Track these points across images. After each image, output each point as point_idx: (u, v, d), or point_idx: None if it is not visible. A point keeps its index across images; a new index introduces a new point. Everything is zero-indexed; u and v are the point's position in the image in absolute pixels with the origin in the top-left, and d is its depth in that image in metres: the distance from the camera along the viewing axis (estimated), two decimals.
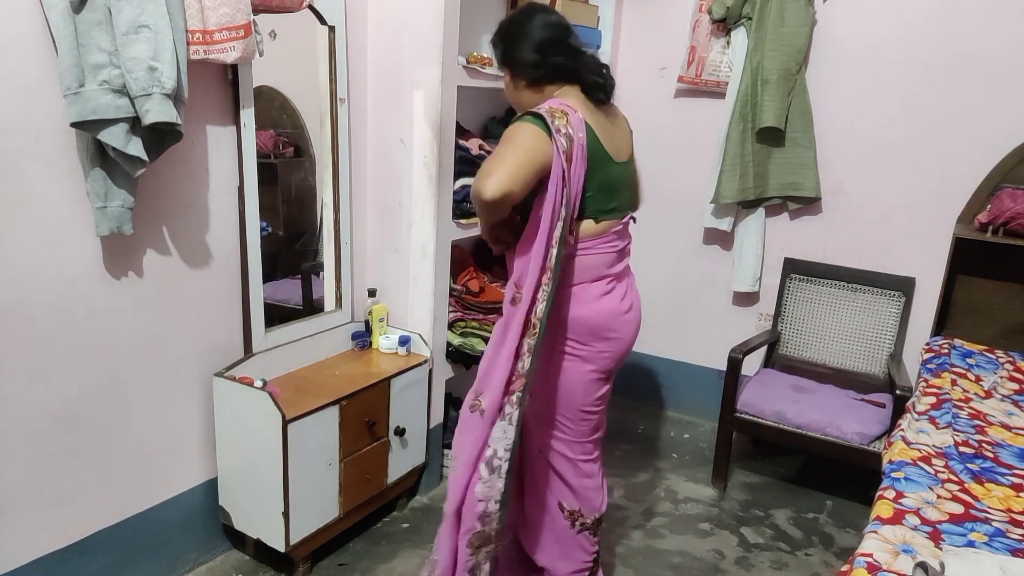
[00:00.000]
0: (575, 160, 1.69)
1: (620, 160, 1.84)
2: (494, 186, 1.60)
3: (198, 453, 2.21)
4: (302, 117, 2.55)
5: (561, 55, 1.79)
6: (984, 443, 1.97)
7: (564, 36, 1.81)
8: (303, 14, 2.14)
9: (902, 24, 2.86)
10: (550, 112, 1.68)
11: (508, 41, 1.83)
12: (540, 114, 1.68)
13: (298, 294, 2.63)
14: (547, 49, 1.78)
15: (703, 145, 3.27)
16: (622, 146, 1.87)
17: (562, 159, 1.66)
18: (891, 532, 1.52)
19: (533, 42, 1.78)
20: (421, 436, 2.62)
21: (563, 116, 1.68)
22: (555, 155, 1.66)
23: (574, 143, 1.68)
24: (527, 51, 1.79)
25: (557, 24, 1.82)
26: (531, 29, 1.79)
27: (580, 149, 1.70)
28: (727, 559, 2.48)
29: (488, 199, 1.61)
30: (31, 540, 1.83)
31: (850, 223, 3.10)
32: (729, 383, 2.84)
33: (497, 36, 1.87)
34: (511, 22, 1.86)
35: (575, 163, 1.69)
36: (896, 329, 3.00)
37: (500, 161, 1.63)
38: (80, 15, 1.60)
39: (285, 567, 2.25)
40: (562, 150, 1.66)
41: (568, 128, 1.67)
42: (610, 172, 1.79)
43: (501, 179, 1.61)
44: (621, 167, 1.84)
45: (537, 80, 1.82)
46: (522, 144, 1.65)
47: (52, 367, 1.79)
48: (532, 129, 1.66)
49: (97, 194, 1.73)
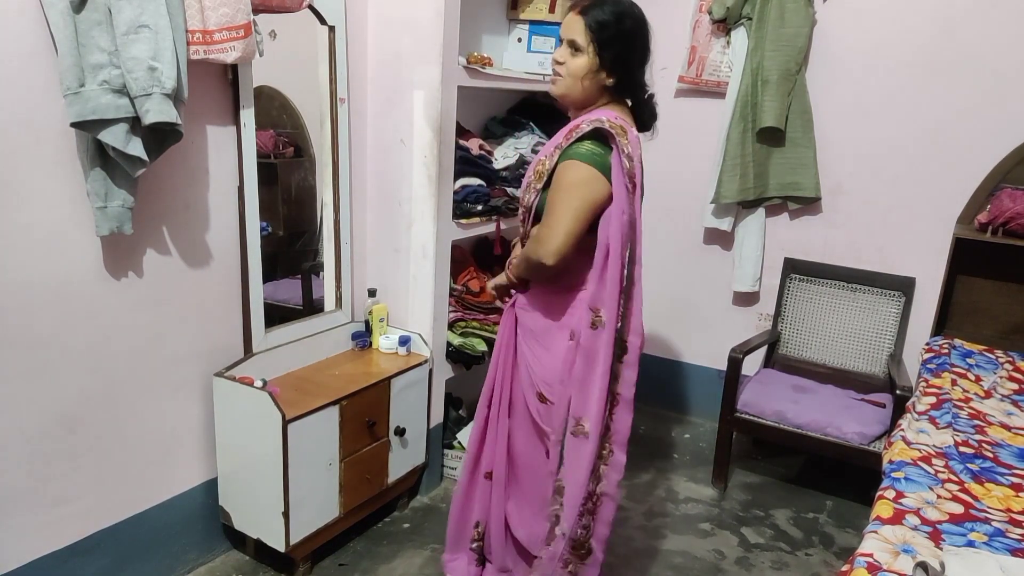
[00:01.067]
0: (637, 178, 1.68)
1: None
2: (555, 253, 1.61)
3: (198, 453, 2.21)
4: (302, 117, 2.55)
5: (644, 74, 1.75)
6: (984, 443, 1.97)
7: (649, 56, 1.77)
8: (303, 14, 2.14)
9: (902, 24, 2.86)
10: (613, 128, 1.64)
11: (624, 32, 1.67)
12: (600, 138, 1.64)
13: (298, 294, 2.63)
14: (643, 65, 1.74)
15: (703, 145, 3.27)
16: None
17: (625, 179, 1.64)
18: (891, 532, 1.52)
19: (643, 55, 1.72)
20: (421, 436, 2.62)
21: (624, 134, 1.66)
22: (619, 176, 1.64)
23: (635, 161, 1.67)
24: (636, 60, 1.72)
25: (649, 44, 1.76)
26: (645, 36, 1.72)
27: (639, 167, 1.69)
28: (727, 559, 2.48)
29: (551, 266, 1.62)
30: (30, 540, 1.83)
31: (850, 223, 3.10)
32: (729, 383, 2.84)
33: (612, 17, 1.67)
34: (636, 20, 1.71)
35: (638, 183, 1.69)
36: (896, 329, 3.01)
37: (561, 222, 1.62)
38: (80, 15, 1.60)
39: (285, 567, 2.25)
40: (625, 171, 1.64)
41: (627, 147, 1.65)
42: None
43: (562, 244, 1.61)
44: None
45: (617, 87, 1.73)
46: (582, 194, 1.63)
47: (52, 367, 1.79)
48: (590, 173, 1.64)
49: (97, 194, 1.73)
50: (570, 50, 1.71)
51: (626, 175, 1.64)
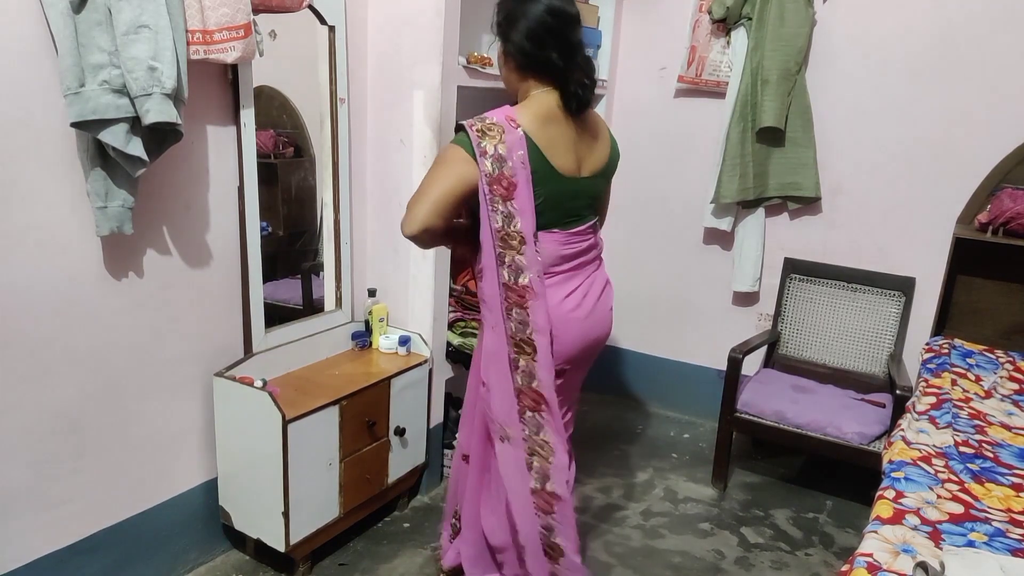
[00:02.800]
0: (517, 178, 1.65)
1: (574, 175, 1.76)
2: (411, 225, 1.62)
3: (198, 453, 2.21)
4: (302, 117, 2.55)
5: (555, 51, 1.68)
6: (984, 443, 1.97)
7: (564, 28, 1.69)
8: (303, 14, 2.13)
9: (902, 24, 2.86)
10: (482, 131, 1.64)
11: (507, 16, 1.72)
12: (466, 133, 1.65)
13: (298, 294, 2.63)
14: (542, 41, 1.67)
15: (703, 145, 3.27)
16: (588, 162, 1.80)
17: (484, 182, 1.64)
18: (891, 532, 1.52)
19: (529, 28, 1.67)
20: (421, 436, 2.62)
21: (498, 134, 1.64)
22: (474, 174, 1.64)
23: (510, 162, 1.64)
24: (520, 36, 1.68)
25: (562, 13, 1.68)
26: (533, 12, 1.67)
27: (521, 166, 1.65)
28: (727, 559, 2.48)
29: (407, 236, 1.64)
30: (31, 540, 1.83)
31: (850, 223, 3.10)
32: (729, 383, 2.84)
33: (500, 3, 1.75)
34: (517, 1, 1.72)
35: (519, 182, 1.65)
36: (896, 329, 3.01)
37: (421, 196, 1.64)
38: (80, 15, 1.60)
39: (285, 567, 2.25)
40: (485, 172, 1.63)
41: (498, 148, 1.63)
42: (556, 187, 1.72)
43: (418, 218, 1.62)
44: (574, 183, 1.76)
45: (523, 69, 1.74)
46: (445, 171, 1.64)
47: (52, 367, 1.79)
48: (458, 153, 1.65)
49: (97, 194, 1.73)
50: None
51: (485, 176, 1.64)
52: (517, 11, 1.69)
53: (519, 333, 1.74)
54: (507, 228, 1.68)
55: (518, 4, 1.70)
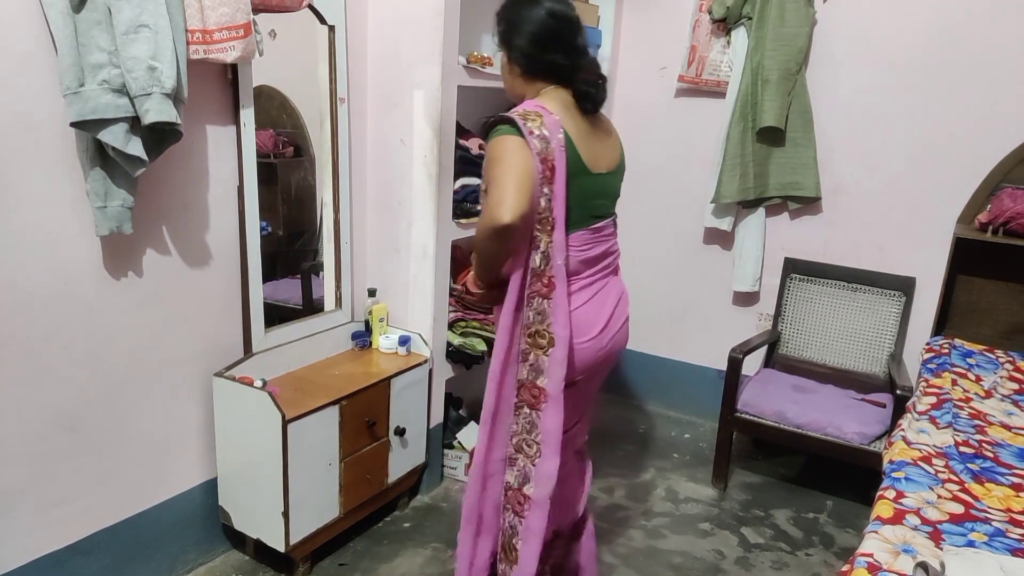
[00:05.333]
0: (556, 161, 1.64)
1: (598, 171, 1.75)
2: (511, 209, 1.53)
3: (198, 453, 2.20)
4: (302, 117, 2.55)
5: (560, 53, 1.71)
6: (984, 443, 1.97)
7: (568, 32, 1.71)
8: (303, 14, 2.13)
9: (902, 24, 2.86)
10: (523, 116, 1.63)
11: (509, 23, 1.73)
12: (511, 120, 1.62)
13: (298, 294, 2.63)
14: (546, 44, 1.70)
15: (703, 145, 3.27)
16: (604, 159, 1.79)
17: (537, 160, 1.61)
18: (891, 532, 1.52)
19: (532, 32, 1.69)
20: (421, 436, 2.62)
21: (537, 118, 1.63)
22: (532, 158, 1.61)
23: (551, 144, 1.63)
24: (524, 41, 1.70)
25: (563, 16, 1.71)
26: (535, 16, 1.69)
27: (560, 150, 1.64)
28: (727, 559, 2.48)
29: (509, 223, 1.54)
30: (31, 540, 1.83)
31: (850, 223, 3.10)
32: (729, 383, 2.84)
33: (500, 13, 1.76)
34: (516, 2, 1.74)
35: (557, 166, 1.64)
36: (896, 329, 3.00)
37: (502, 185, 1.57)
38: (80, 15, 1.60)
39: (285, 567, 2.25)
40: (536, 151, 1.61)
41: (543, 130, 1.62)
42: (583, 183, 1.72)
43: (513, 202, 1.54)
44: (598, 179, 1.75)
45: (530, 73, 1.74)
46: (511, 160, 1.59)
47: (51, 366, 1.79)
48: (512, 141, 1.61)
49: (97, 194, 1.73)
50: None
51: (537, 156, 1.61)
52: (518, 17, 1.71)
53: (536, 324, 1.69)
54: (546, 212, 1.65)
55: (519, 11, 1.72)
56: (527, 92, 1.77)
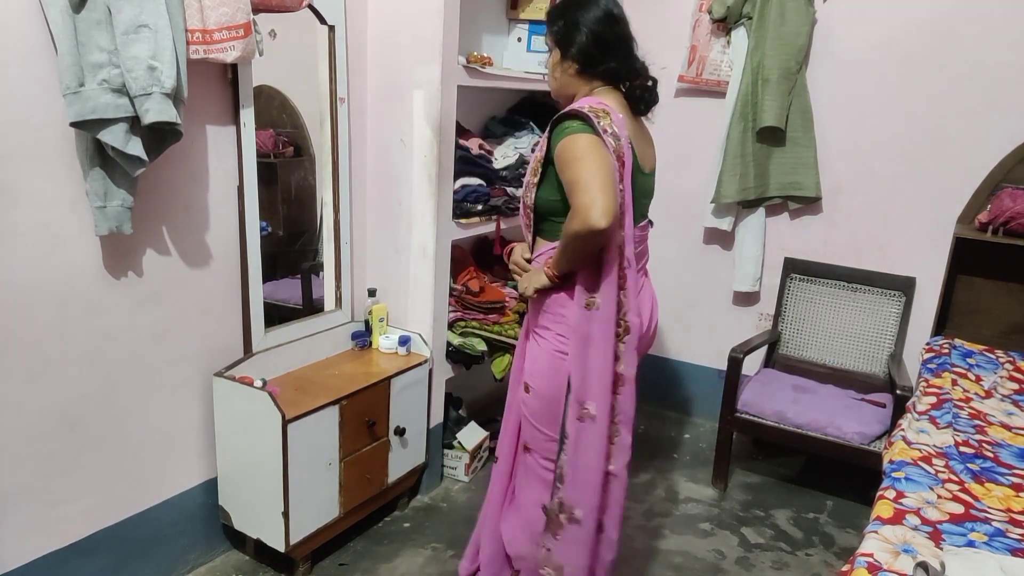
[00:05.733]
0: (626, 158, 1.67)
1: (646, 171, 1.82)
2: (606, 213, 1.53)
3: (198, 453, 2.20)
4: (302, 117, 2.55)
5: (620, 53, 1.73)
6: (984, 443, 1.97)
7: (626, 34, 1.75)
8: (303, 14, 2.13)
9: (902, 23, 2.86)
10: (593, 112, 1.62)
11: (570, 21, 1.73)
12: (583, 117, 1.62)
13: (298, 294, 2.63)
14: (608, 44, 1.72)
15: (703, 145, 3.27)
16: (649, 159, 1.86)
17: (613, 157, 1.62)
18: (891, 532, 1.52)
19: (595, 32, 1.70)
20: (421, 436, 2.62)
21: (605, 115, 1.64)
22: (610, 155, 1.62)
23: (621, 141, 1.66)
24: (588, 41, 1.70)
25: (623, 19, 1.74)
26: (597, 16, 1.71)
27: (628, 147, 1.68)
28: (728, 559, 2.48)
29: (606, 227, 1.55)
30: (31, 540, 1.83)
31: (850, 223, 3.10)
32: (729, 383, 2.84)
33: (556, 12, 1.77)
34: (580, 5, 1.73)
35: (626, 163, 1.67)
36: (896, 329, 3.00)
37: (591, 186, 1.56)
38: (80, 14, 1.60)
39: (285, 567, 2.25)
40: (612, 149, 1.62)
41: (613, 127, 1.64)
42: (638, 181, 1.77)
43: (607, 203, 1.54)
44: (646, 178, 1.82)
45: (588, 73, 1.75)
46: (593, 159, 1.58)
47: (51, 367, 1.79)
48: (589, 139, 1.60)
49: (96, 194, 1.73)
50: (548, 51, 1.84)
51: (612, 151, 1.63)
52: (579, 17, 1.72)
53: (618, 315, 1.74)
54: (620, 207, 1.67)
55: (579, 10, 1.73)
56: (579, 90, 1.78)
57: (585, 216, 1.56)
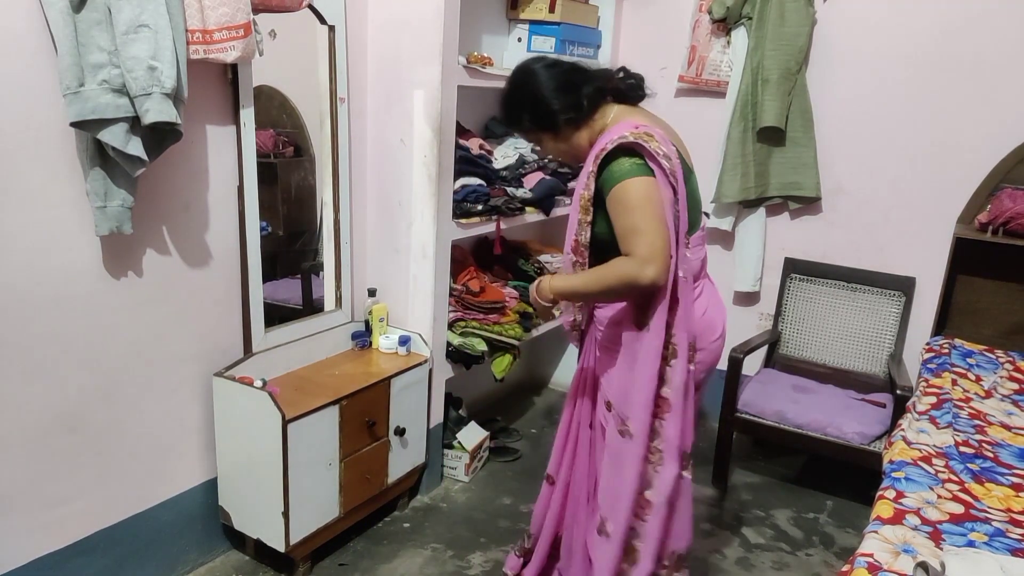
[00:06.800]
0: (678, 173, 1.64)
1: (691, 166, 1.78)
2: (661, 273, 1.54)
3: (198, 453, 2.20)
4: (302, 117, 2.55)
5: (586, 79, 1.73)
6: (984, 443, 1.97)
7: (567, 66, 1.75)
8: (303, 14, 2.13)
9: (903, 23, 2.86)
10: (644, 139, 1.59)
11: (528, 107, 1.74)
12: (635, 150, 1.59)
13: (298, 294, 2.63)
14: (571, 83, 1.71)
15: (703, 145, 3.25)
16: (687, 152, 1.80)
17: (670, 178, 1.60)
18: (891, 532, 1.52)
19: (552, 89, 1.71)
20: (421, 436, 2.62)
21: (651, 138, 1.61)
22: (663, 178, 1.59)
23: (673, 160, 1.63)
24: (555, 100, 1.70)
25: (554, 62, 1.76)
26: (541, 80, 1.72)
27: (678, 163, 1.65)
28: (728, 559, 2.48)
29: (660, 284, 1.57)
30: (31, 540, 1.83)
31: (850, 223, 3.10)
32: (730, 383, 2.84)
33: (512, 111, 1.78)
34: (516, 88, 1.77)
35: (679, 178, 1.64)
36: (896, 329, 3.00)
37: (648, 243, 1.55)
38: (80, 14, 1.60)
39: (285, 567, 2.25)
40: (668, 171, 1.59)
41: (661, 147, 1.61)
42: (691, 181, 1.74)
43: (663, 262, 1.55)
44: (692, 176, 1.77)
45: (582, 117, 1.73)
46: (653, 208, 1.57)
47: (51, 366, 1.79)
48: (646, 183, 1.58)
49: (97, 193, 1.73)
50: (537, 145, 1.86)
51: (669, 175, 1.60)
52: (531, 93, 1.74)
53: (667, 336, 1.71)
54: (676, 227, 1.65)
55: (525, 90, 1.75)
56: (584, 139, 1.76)
57: (641, 270, 1.55)
